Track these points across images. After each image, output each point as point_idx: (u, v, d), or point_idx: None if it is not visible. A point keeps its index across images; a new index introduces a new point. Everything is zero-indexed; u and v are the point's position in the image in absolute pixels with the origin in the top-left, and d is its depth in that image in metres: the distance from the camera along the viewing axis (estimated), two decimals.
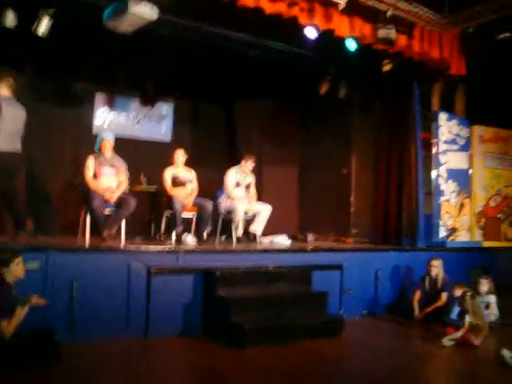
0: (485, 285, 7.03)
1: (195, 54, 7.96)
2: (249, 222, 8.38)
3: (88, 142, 7.95)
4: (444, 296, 7.10)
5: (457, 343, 5.91)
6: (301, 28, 6.72)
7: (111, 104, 8.94)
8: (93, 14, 6.10)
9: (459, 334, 5.97)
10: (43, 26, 6.29)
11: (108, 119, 8.91)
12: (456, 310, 6.47)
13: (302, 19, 6.36)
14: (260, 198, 8.75)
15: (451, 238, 8.87)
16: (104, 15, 5.88)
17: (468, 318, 6.02)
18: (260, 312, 5.93)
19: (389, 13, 6.58)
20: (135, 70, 8.44)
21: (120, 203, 6.89)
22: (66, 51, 7.48)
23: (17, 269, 4.86)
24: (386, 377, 4.87)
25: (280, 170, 9.87)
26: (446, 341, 5.94)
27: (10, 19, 6.12)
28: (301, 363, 5.16)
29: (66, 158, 8.34)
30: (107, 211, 6.88)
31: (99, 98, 8.84)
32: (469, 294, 6.27)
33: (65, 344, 4.93)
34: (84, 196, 6.99)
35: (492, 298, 7.01)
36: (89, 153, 7.26)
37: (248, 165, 8.31)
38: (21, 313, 4.70)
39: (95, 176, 7.02)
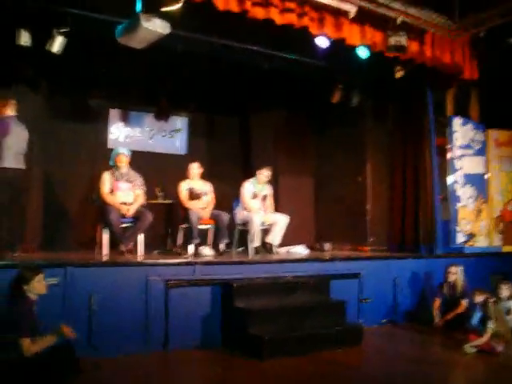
0: (506, 290, 6.91)
1: (208, 67, 8.03)
2: (265, 232, 8.38)
3: (103, 158, 8.02)
4: (464, 302, 7.02)
5: (479, 350, 5.84)
6: (312, 38, 6.75)
7: (126, 119, 9.01)
8: (105, 31, 6.18)
9: (482, 340, 5.89)
10: (57, 45, 6.38)
11: (123, 134, 8.98)
12: (477, 316, 6.39)
13: (313, 29, 6.38)
14: (276, 209, 8.75)
15: (469, 243, 8.78)
16: (117, 31, 5.95)
17: (491, 325, 5.94)
18: (278, 323, 5.92)
19: (399, 20, 6.57)
20: (149, 85, 8.52)
21: (137, 217, 6.94)
22: (80, 68, 7.58)
23: (38, 286, 4.86)
24: None
25: (295, 180, 9.86)
26: (468, 348, 5.87)
27: (25, 38, 6.21)
28: (320, 373, 5.13)
29: (82, 173, 8.40)
30: (124, 225, 6.93)
31: (113, 113, 8.92)
32: (492, 300, 6.19)
33: (84, 358, 4.96)
34: (101, 211, 7.04)
35: None
36: (104, 168, 7.33)
37: (263, 174, 8.31)
38: (49, 340, 4.68)
39: (111, 191, 7.07)
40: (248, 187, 8.27)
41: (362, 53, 7.23)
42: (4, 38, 6.37)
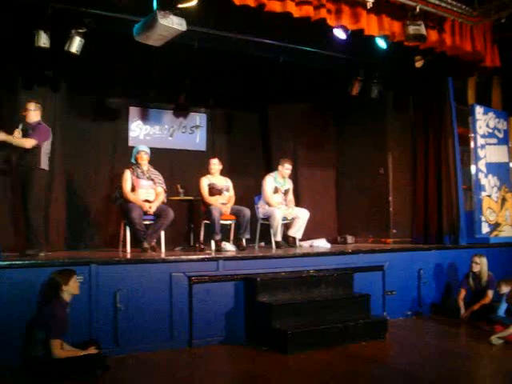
0: None
1: (226, 63, 8.03)
2: (287, 227, 8.37)
3: (124, 156, 8.10)
4: (490, 293, 6.94)
5: (506, 341, 5.76)
6: (330, 30, 6.71)
7: (145, 117, 9.05)
8: (123, 30, 6.21)
9: (509, 331, 5.81)
10: (75, 45, 6.43)
11: (143, 132, 9.02)
12: (503, 307, 6.31)
13: (331, 21, 6.32)
14: (297, 203, 8.75)
15: (494, 233, 8.70)
16: (134, 30, 5.97)
17: None
18: (302, 317, 5.91)
19: (417, 8, 6.48)
20: (167, 82, 8.54)
21: (158, 214, 6.98)
22: (98, 68, 7.63)
23: (74, 286, 4.97)
24: (434, 377, 4.78)
25: (316, 173, 9.82)
26: (495, 339, 5.79)
27: (43, 40, 6.27)
28: (345, 366, 5.11)
29: (103, 172, 8.47)
30: (146, 223, 6.97)
31: (133, 111, 8.96)
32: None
33: (111, 356, 5.02)
34: (123, 209, 7.10)
35: None
36: (126, 166, 7.38)
37: (285, 168, 8.30)
38: (78, 353, 4.79)
39: (133, 189, 7.12)
40: (269, 182, 8.27)
41: (381, 43, 7.18)
42: (23, 40, 6.44)
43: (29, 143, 6.15)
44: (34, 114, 6.42)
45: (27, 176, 6.22)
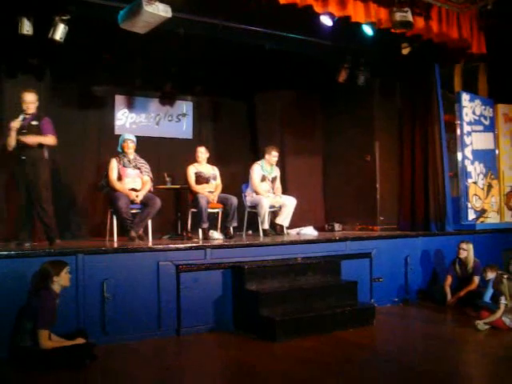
0: None
1: (211, 50, 7.95)
2: (275, 215, 8.37)
3: (110, 144, 8.03)
4: (476, 280, 7.01)
5: (492, 327, 5.82)
6: (316, 16, 6.67)
7: (131, 105, 8.98)
8: (107, 17, 6.14)
9: (495, 316, 5.86)
10: (59, 33, 6.32)
11: (129, 121, 8.96)
12: (489, 292, 6.37)
13: (317, 8, 6.28)
14: (284, 190, 8.74)
15: (480, 220, 8.76)
16: (119, 17, 5.90)
17: (503, 301, 5.89)
18: (290, 304, 5.93)
19: None
20: (153, 70, 8.46)
21: (145, 203, 6.95)
22: (83, 55, 7.53)
23: (65, 278, 4.95)
24: (422, 362, 4.82)
25: (303, 161, 9.81)
26: (481, 324, 5.85)
27: (26, 27, 6.17)
28: (334, 353, 5.14)
29: (89, 160, 8.41)
30: (133, 211, 6.94)
31: (119, 99, 8.88)
32: (505, 276, 6.13)
33: (99, 345, 5.01)
34: (109, 198, 7.06)
35: None
36: (112, 155, 7.33)
37: (272, 156, 8.29)
38: (66, 344, 4.77)
39: (120, 177, 7.07)
40: (257, 170, 8.26)
41: (368, 30, 7.16)
42: (6, 27, 6.33)
43: (53, 140, 6.37)
44: (35, 105, 6.41)
45: (35, 168, 6.23)
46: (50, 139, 6.32)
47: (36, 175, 6.23)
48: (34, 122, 6.30)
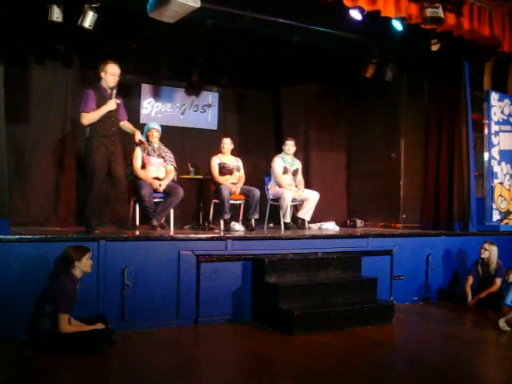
0: None
1: (239, 42, 7.95)
2: (297, 208, 8.36)
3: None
4: (498, 281, 6.92)
5: None
6: (345, 10, 6.61)
7: (157, 94, 9.02)
8: (137, 6, 6.15)
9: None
10: (88, 20, 6.36)
11: (154, 110, 9.00)
12: (511, 295, 6.28)
13: (347, 1, 6.22)
14: (307, 184, 8.72)
15: (505, 221, 8.64)
16: (148, 6, 5.92)
17: None
18: (309, 298, 5.92)
19: None
20: (180, 59, 8.49)
21: (168, 192, 6.98)
22: (111, 43, 7.57)
23: (87, 263, 4.99)
24: (439, 362, 4.78)
25: (327, 156, 9.78)
26: (502, 323, 5.74)
27: (56, 14, 6.22)
28: (350, 348, 5.12)
29: None
30: (156, 200, 6.98)
31: (145, 88, 8.93)
32: None
33: (117, 331, 5.06)
34: (133, 186, 7.10)
35: None
36: (137, 143, 7.36)
37: (286, 146, 8.29)
38: (85, 328, 4.83)
39: (143, 166, 7.12)
40: (279, 162, 8.25)
41: (397, 25, 7.08)
42: (36, 14, 6.39)
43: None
44: None
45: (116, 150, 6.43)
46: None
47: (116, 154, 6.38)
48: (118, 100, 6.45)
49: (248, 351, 5.13)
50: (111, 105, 6.24)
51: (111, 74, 6.28)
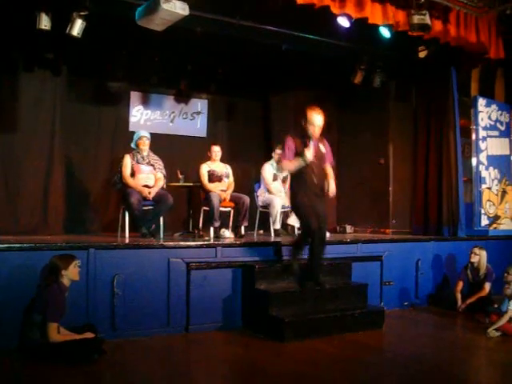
0: None
1: (228, 49, 7.97)
2: (286, 215, 8.36)
3: (125, 141, 8.06)
4: (487, 286, 6.95)
5: (503, 333, 5.74)
6: (333, 18, 6.65)
7: (146, 102, 9.01)
8: (125, 13, 6.16)
9: (503, 321, 5.75)
10: (76, 28, 6.36)
11: (143, 117, 8.99)
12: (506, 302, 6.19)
13: (334, 9, 6.27)
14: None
15: (493, 226, 8.70)
16: (136, 14, 5.92)
17: (511, 306, 5.81)
18: (299, 305, 5.91)
19: None
20: (169, 67, 8.50)
21: (158, 200, 6.97)
22: (100, 51, 7.58)
23: (74, 271, 4.94)
24: (430, 367, 4.79)
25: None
26: (492, 332, 5.75)
27: (44, 22, 6.21)
28: (341, 354, 5.12)
29: (103, 156, 8.47)
30: (145, 208, 6.96)
31: (134, 96, 8.92)
32: None
33: (107, 340, 5.03)
34: (122, 194, 7.08)
35: None
36: (126, 151, 7.36)
37: (278, 153, 8.30)
38: (75, 337, 4.79)
39: (133, 174, 7.10)
40: (268, 169, 8.26)
41: (385, 32, 7.13)
42: (25, 22, 6.38)
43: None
44: None
45: None
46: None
47: None
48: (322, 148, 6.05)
49: (239, 359, 5.11)
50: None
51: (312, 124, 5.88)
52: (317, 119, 5.90)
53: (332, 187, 5.85)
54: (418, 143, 8.69)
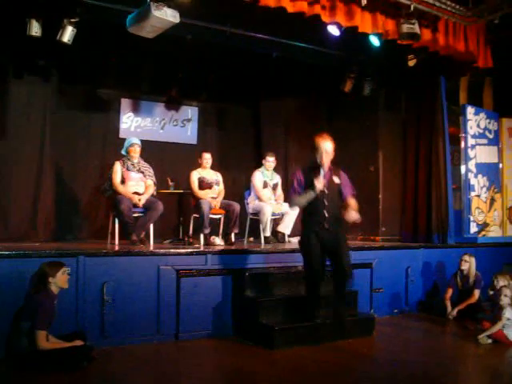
0: None
1: (218, 57, 8.00)
2: (277, 222, 8.37)
3: (115, 148, 8.05)
4: (476, 293, 6.98)
5: (493, 340, 5.76)
6: (323, 26, 6.70)
7: (137, 109, 9.01)
8: (116, 20, 6.17)
9: (496, 328, 5.78)
10: (67, 35, 6.37)
11: (134, 124, 8.98)
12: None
13: (325, 17, 6.30)
14: (287, 198, 8.72)
15: (482, 233, 8.74)
16: (127, 21, 5.93)
17: (506, 313, 5.83)
18: (290, 312, 5.91)
19: (412, 7, 6.48)
20: (159, 74, 8.51)
21: (148, 207, 6.95)
22: (90, 58, 7.58)
23: (62, 279, 4.89)
24: (420, 374, 4.81)
25: None
26: (483, 338, 5.76)
27: (35, 28, 6.22)
28: (332, 362, 5.12)
29: (93, 163, 8.44)
30: (135, 215, 6.95)
31: (125, 103, 8.91)
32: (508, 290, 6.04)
33: (97, 348, 5.00)
34: (112, 201, 7.06)
35: None
36: (116, 158, 7.34)
37: (267, 161, 8.33)
38: (64, 345, 4.76)
39: (123, 181, 7.09)
40: (258, 176, 8.27)
41: (375, 41, 7.18)
42: (15, 28, 6.38)
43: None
44: None
45: None
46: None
47: None
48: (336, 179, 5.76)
49: (229, 366, 5.10)
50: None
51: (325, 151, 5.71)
52: (325, 146, 5.68)
53: (352, 217, 5.48)
54: (407, 151, 8.73)
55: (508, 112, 9.20)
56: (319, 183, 5.45)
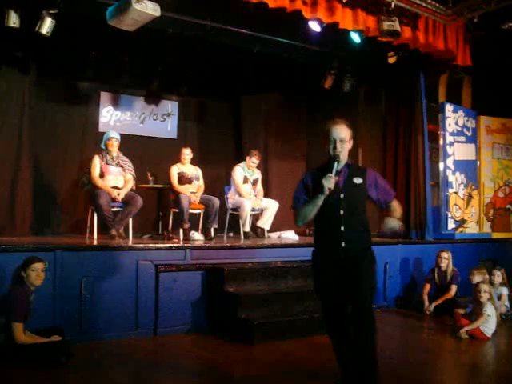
0: (498, 276, 6.97)
1: (199, 51, 7.97)
2: (256, 217, 8.38)
3: (94, 141, 8.01)
4: (453, 288, 7.07)
5: (470, 336, 5.83)
6: (305, 22, 6.70)
7: (116, 102, 8.95)
8: (96, 13, 6.11)
9: (477, 324, 5.84)
10: (46, 26, 6.28)
11: (113, 118, 8.92)
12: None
13: (306, 13, 6.30)
14: (267, 194, 8.75)
15: (460, 229, 8.84)
16: (107, 13, 5.88)
17: (487, 309, 5.89)
18: (269, 307, 5.92)
19: (392, 4, 6.51)
20: (139, 68, 8.45)
21: (127, 201, 6.92)
22: (70, 50, 7.50)
23: (32, 275, 4.81)
24: (398, 368, 4.84)
25: (286, 165, 9.82)
26: (463, 333, 5.82)
27: (13, 19, 6.12)
28: (311, 357, 5.14)
29: (72, 157, 8.37)
30: (114, 209, 6.90)
31: (104, 96, 8.84)
32: (486, 285, 6.11)
33: (76, 343, 4.96)
34: (91, 195, 7.02)
35: (504, 290, 6.93)
36: (95, 152, 7.29)
37: (252, 160, 8.32)
38: (42, 340, 4.72)
39: (102, 175, 7.03)
40: (239, 171, 8.27)
41: (355, 38, 7.20)
42: None
43: None
44: None
45: None
46: None
47: None
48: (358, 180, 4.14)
49: (208, 362, 5.09)
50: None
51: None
52: (334, 131, 4.14)
53: (393, 225, 4.37)
54: (386, 147, 8.78)
55: (486, 110, 9.31)
56: (328, 182, 3.88)
